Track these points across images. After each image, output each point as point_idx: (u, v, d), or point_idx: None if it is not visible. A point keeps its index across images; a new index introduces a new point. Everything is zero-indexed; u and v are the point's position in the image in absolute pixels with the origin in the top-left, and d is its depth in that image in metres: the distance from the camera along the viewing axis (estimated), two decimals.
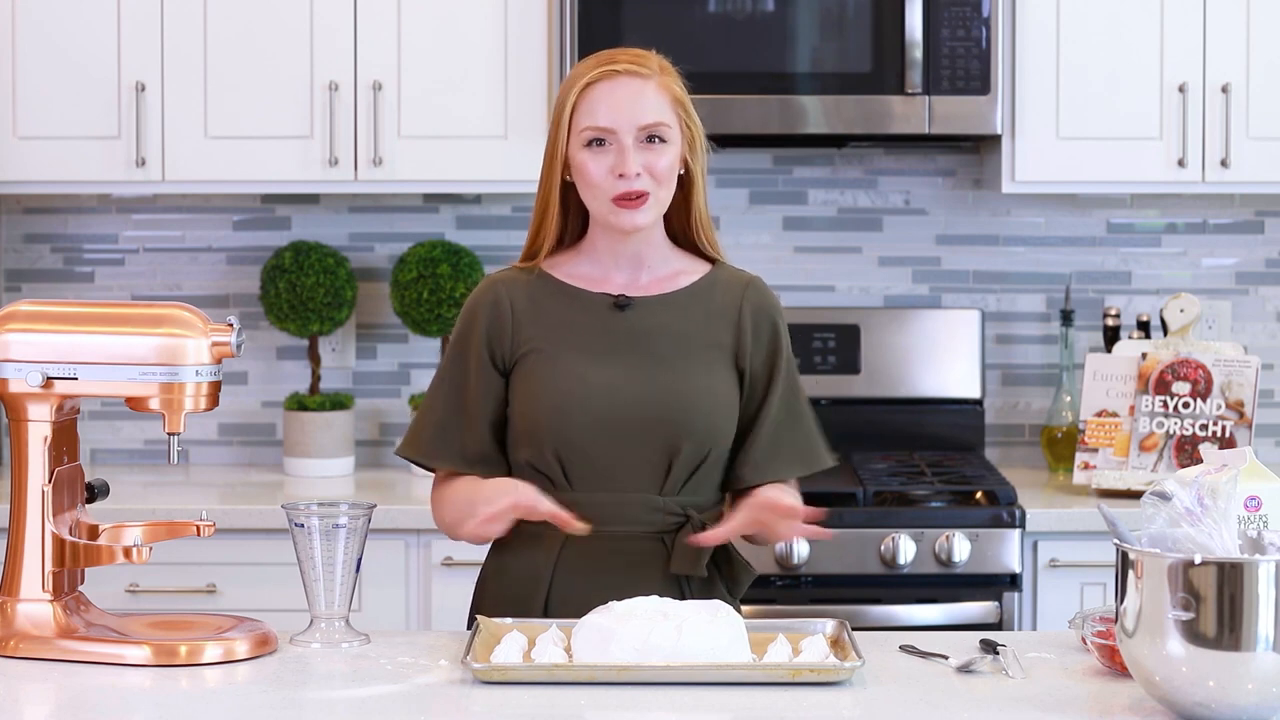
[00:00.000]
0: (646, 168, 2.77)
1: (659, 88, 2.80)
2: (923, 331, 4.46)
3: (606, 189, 2.77)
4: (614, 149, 2.77)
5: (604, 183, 2.77)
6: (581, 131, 2.79)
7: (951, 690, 2.45)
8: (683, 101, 2.82)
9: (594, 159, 2.78)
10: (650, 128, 2.78)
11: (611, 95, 2.78)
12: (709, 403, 2.81)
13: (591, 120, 2.78)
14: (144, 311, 2.66)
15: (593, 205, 2.81)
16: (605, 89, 2.79)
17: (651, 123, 2.78)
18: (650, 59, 2.83)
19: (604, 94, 2.79)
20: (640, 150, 2.77)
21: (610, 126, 2.77)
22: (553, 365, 2.81)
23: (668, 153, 2.79)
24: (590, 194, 2.80)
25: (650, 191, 2.78)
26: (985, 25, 4.11)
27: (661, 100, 2.80)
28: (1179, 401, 4.14)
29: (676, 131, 2.80)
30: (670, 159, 2.79)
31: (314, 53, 4.19)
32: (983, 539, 3.93)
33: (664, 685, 2.43)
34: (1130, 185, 4.31)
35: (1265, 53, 4.17)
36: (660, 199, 2.80)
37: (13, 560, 2.65)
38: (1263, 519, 2.51)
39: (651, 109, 2.78)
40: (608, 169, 2.77)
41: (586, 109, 2.79)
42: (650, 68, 2.81)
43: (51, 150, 4.20)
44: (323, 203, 4.56)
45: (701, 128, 2.85)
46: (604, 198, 2.78)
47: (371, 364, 4.59)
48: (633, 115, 2.77)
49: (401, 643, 2.68)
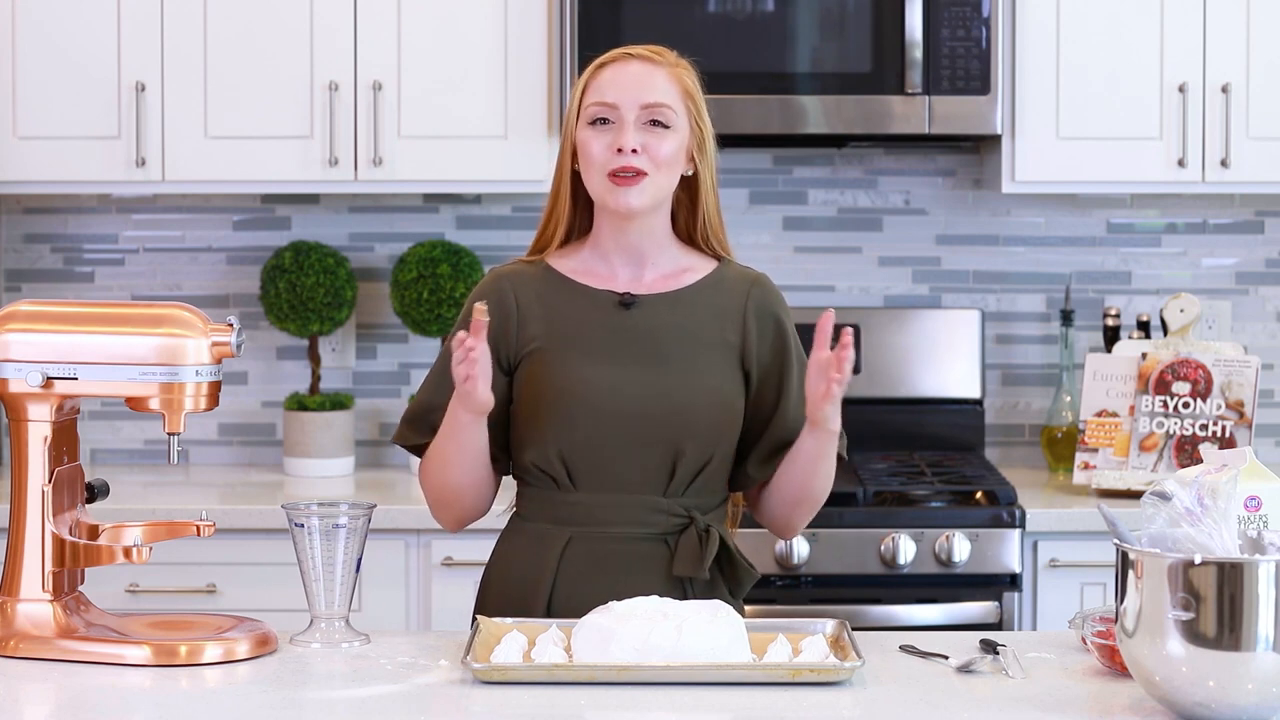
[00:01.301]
0: (646, 149, 2.76)
1: (669, 75, 2.80)
2: (923, 331, 4.46)
3: (604, 164, 2.76)
4: (615, 126, 2.77)
5: (601, 158, 2.76)
6: (587, 109, 2.79)
7: (951, 690, 2.45)
8: (693, 95, 2.82)
9: (595, 136, 2.78)
10: (653, 108, 2.77)
11: (620, 74, 2.79)
12: (713, 404, 2.80)
13: (598, 96, 2.78)
14: (144, 311, 2.66)
15: (592, 186, 2.80)
16: (616, 68, 2.81)
17: (654, 102, 2.77)
18: (667, 52, 2.84)
19: (613, 73, 2.80)
20: (641, 131, 2.77)
21: (613, 102, 2.77)
22: (557, 365, 2.80)
23: (670, 139, 2.78)
24: (590, 173, 2.79)
25: (648, 173, 2.76)
26: (985, 25, 4.11)
27: (670, 86, 2.79)
28: (1179, 401, 4.14)
29: (683, 121, 2.79)
30: (672, 146, 2.78)
31: (314, 53, 4.20)
32: (983, 539, 3.93)
33: (664, 685, 2.43)
34: (1130, 185, 4.31)
35: (1265, 53, 4.18)
36: (659, 184, 2.78)
37: (13, 560, 2.65)
38: (1263, 519, 2.51)
39: (658, 90, 2.78)
40: (606, 145, 2.77)
41: (594, 87, 2.80)
42: (665, 58, 2.82)
43: (51, 150, 4.21)
44: (323, 203, 4.56)
45: (712, 129, 2.84)
46: (601, 175, 2.77)
47: (371, 364, 4.59)
48: (637, 93, 2.77)
49: (401, 643, 2.68)
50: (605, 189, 2.78)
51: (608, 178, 2.77)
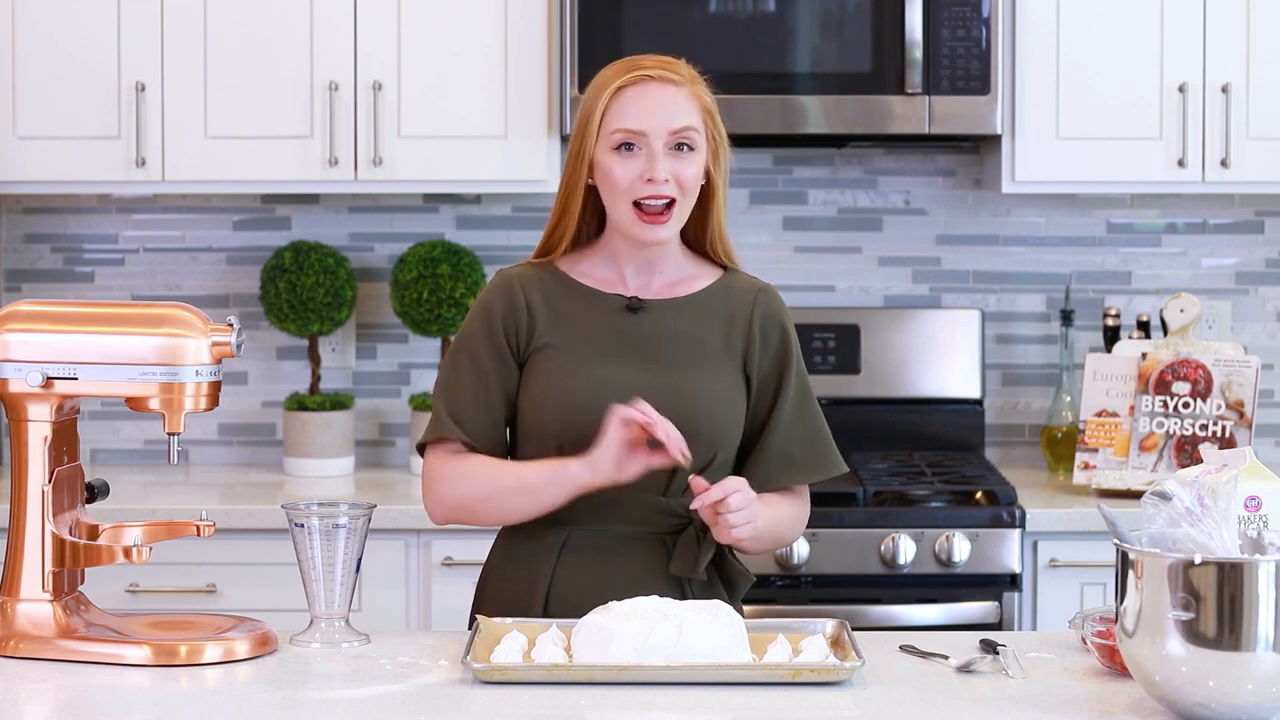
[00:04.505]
0: (674, 175, 2.77)
1: (690, 95, 2.80)
2: (923, 331, 4.46)
3: (631, 192, 2.77)
4: (643, 154, 2.77)
5: (630, 187, 2.76)
6: (612, 134, 2.78)
7: (951, 690, 2.45)
8: (711, 111, 2.82)
9: (622, 163, 2.77)
10: (680, 133, 2.77)
11: (644, 99, 2.78)
12: (716, 407, 2.81)
13: (622, 123, 2.77)
14: (144, 311, 2.66)
15: (615, 212, 2.80)
16: (637, 92, 2.78)
17: (682, 127, 2.77)
18: (681, 66, 2.83)
19: (635, 97, 2.78)
20: (669, 157, 2.77)
21: (641, 129, 2.76)
22: (563, 363, 2.81)
23: (695, 161, 2.79)
24: (614, 199, 2.79)
25: (676, 199, 2.77)
26: (985, 25, 4.11)
27: (692, 107, 2.79)
28: (1179, 401, 4.14)
29: (704, 140, 2.80)
30: (697, 169, 2.79)
31: (314, 53, 4.20)
32: (983, 539, 3.93)
33: (664, 685, 2.43)
34: (1130, 185, 4.31)
35: (1265, 53, 4.18)
36: (683, 210, 2.80)
37: (13, 560, 2.65)
38: (1263, 519, 2.51)
39: (683, 114, 2.78)
40: (636, 174, 2.76)
41: (617, 111, 2.78)
42: (682, 75, 2.81)
43: (51, 150, 4.21)
44: (323, 203, 4.56)
45: (726, 140, 2.84)
46: (627, 204, 2.77)
47: (371, 364, 4.59)
48: (665, 119, 2.77)
49: (401, 643, 2.68)
50: (632, 220, 2.78)
51: (634, 208, 2.77)
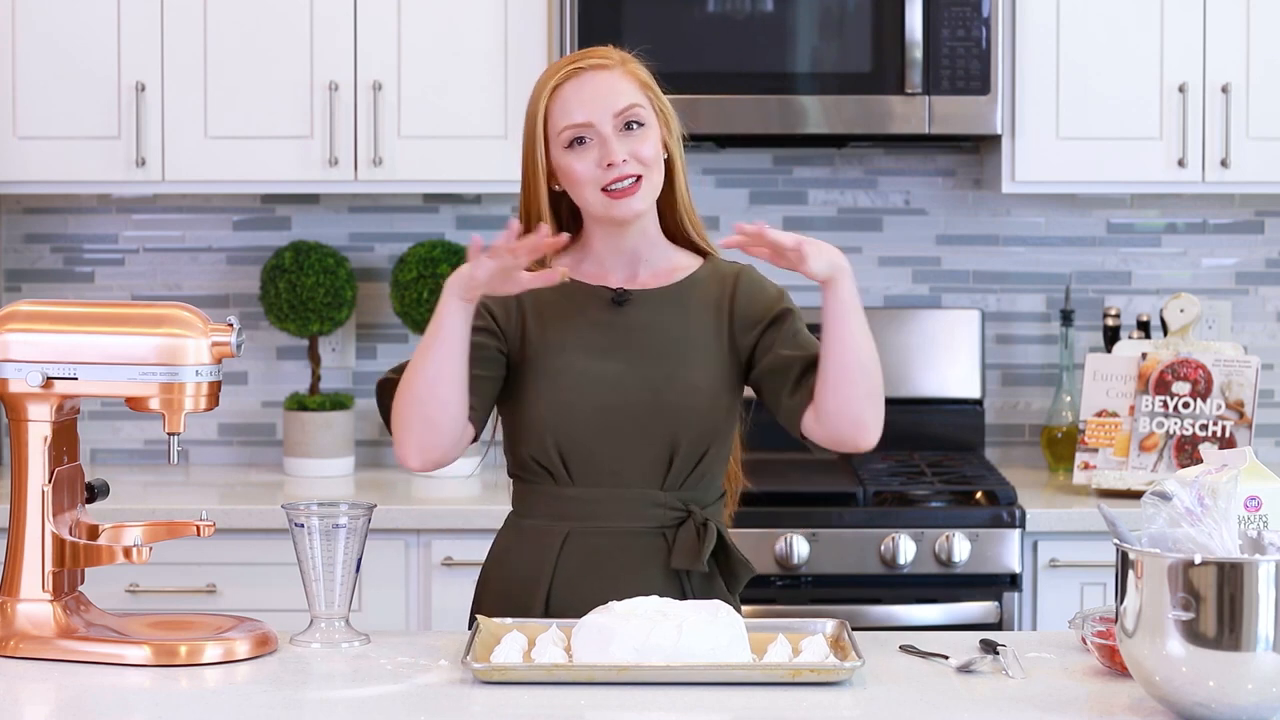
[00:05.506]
0: (632, 154, 2.78)
1: (624, 74, 2.82)
2: (923, 331, 4.46)
3: (596, 181, 2.78)
4: (595, 143, 2.78)
5: (592, 175, 2.78)
6: (561, 134, 2.79)
7: (951, 690, 2.45)
8: (650, 85, 2.84)
9: (578, 158, 2.79)
10: (626, 112, 2.79)
11: (580, 90, 2.79)
12: (706, 398, 2.81)
13: (567, 119, 2.79)
14: (144, 311, 2.66)
15: (586, 204, 2.81)
16: (573, 86, 2.80)
17: (625, 106, 2.79)
18: (611, 52, 2.85)
19: (573, 91, 2.80)
20: (622, 138, 2.78)
21: (587, 120, 2.78)
22: (553, 360, 2.81)
23: (649, 136, 2.80)
24: (581, 193, 2.80)
25: (642, 174, 2.78)
26: (985, 25, 4.11)
27: (630, 86, 2.81)
28: (1179, 401, 4.14)
29: (651, 114, 2.82)
30: (654, 142, 2.80)
31: (314, 53, 4.20)
32: (983, 539, 3.93)
33: (664, 685, 2.43)
34: (1130, 185, 4.31)
35: (1265, 53, 4.18)
36: (653, 183, 2.80)
37: (13, 560, 2.65)
38: (1263, 519, 2.51)
39: (624, 94, 2.80)
40: (594, 163, 2.78)
41: (560, 110, 2.80)
42: (613, 58, 2.83)
43: (51, 150, 4.21)
44: (323, 203, 4.56)
45: (673, 111, 2.85)
46: (595, 192, 2.79)
47: (371, 364, 4.59)
48: (607, 104, 2.78)
49: (401, 643, 2.68)
50: (603, 204, 2.79)
51: (603, 193, 2.78)
